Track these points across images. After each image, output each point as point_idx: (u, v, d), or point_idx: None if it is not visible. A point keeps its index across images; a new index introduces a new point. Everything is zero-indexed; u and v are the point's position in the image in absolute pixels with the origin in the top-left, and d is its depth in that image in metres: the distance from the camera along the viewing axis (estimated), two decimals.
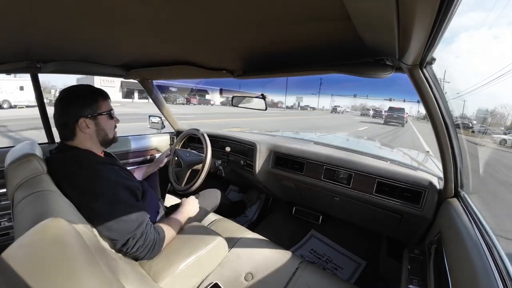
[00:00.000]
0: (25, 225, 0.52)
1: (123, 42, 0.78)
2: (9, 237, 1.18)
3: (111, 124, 0.87)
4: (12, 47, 0.79)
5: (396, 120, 17.92)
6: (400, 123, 17.57)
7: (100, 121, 0.82)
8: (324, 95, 39.34)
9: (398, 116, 18.15)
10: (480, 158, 3.74)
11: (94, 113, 0.81)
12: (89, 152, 0.81)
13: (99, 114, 0.82)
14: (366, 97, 25.90)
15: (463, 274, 0.54)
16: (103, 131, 0.84)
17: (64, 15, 0.52)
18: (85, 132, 0.80)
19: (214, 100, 28.80)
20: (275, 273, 0.92)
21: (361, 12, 0.40)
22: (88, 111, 0.79)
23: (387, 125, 16.70)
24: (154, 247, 0.78)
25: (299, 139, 1.71)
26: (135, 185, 0.82)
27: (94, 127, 0.81)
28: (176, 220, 0.95)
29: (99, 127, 0.83)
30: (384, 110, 24.50)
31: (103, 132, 0.84)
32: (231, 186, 2.09)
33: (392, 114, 18.55)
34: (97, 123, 0.82)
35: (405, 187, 1.02)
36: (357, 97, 26.64)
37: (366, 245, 1.52)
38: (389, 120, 18.49)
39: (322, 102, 43.44)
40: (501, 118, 26.70)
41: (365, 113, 31.57)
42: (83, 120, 0.78)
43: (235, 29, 0.58)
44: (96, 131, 0.82)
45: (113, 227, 0.70)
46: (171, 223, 0.92)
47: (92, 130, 0.81)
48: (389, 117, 18.72)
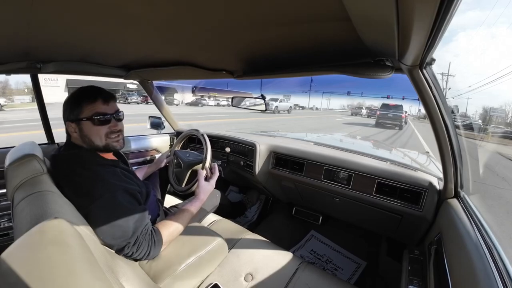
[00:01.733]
0: (25, 226, 0.52)
1: (123, 43, 0.78)
2: (8, 238, 1.18)
3: (98, 131, 0.78)
4: (12, 47, 0.79)
5: (391, 121, 13.28)
6: (397, 125, 13.00)
7: (82, 127, 0.77)
8: (316, 93, 37.31)
9: (395, 116, 13.30)
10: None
11: (76, 118, 0.77)
12: (93, 152, 0.80)
13: (80, 119, 0.77)
14: (360, 94, 22.80)
15: (463, 274, 0.54)
16: (86, 137, 0.78)
17: (64, 16, 0.52)
18: (74, 136, 0.79)
19: (179, 99, 25.37)
20: (275, 273, 0.92)
21: (361, 13, 0.41)
22: (71, 115, 0.77)
23: (379, 128, 12.75)
24: (149, 254, 0.76)
25: (299, 140, 1.71)
26: (135, 188, 0.80)
27: (78, 132, 0.78)
28: (190, 209, 0.93)
29: (82, 133, 0.78)
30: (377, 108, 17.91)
31: (87, 139, 0.78)
32: (231, 186, 2.09)
33: (386, 113, 13.64)
34: (80, 129, 0.78)
35: (405, 188, 1.02)
36: (351, 95, 23.93)
37: (366, 245, 1.52)
38: (382, 121, 13.64)
39: (313, 101, 42.05)
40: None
41: (356, 112, 26.13)
42: (69, 123, 0.78)
43: (235, 30, 0.58)
44: (80, 136, 0.78)
45: (108, 232, 0.68)
46: (183, 214, 0.91)
47: (78, 135, 0.79)
48: (383, 117, 13.77)
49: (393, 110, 13.61)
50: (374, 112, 17.88)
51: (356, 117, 22.37)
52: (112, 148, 0.83)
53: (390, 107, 13.96)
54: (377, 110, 15.73)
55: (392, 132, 11.08)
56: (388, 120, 13.41)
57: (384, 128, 12.65)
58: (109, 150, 0.84)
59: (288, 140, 1.68)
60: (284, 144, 1.47)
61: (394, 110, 13.61)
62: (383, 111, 13.95)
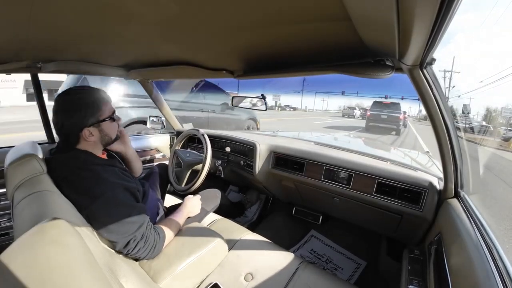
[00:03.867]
0: (25, 225, 0.52)
1: (124, 42, 0.77)
2: (9, 237, 1.18)
3: (115, 127, 0.86)
4: (12, 47, 0.79)
5: (386, 123, 10.07)
6: (394, 129, 9.91)
7: (103, 127, 0.81)
8: (309, 93, 35.64)
9: (390, 117, 9.98)
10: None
11: (97, 120, 0.79)
12: (89, 153, 0.80)
13: (101, 120, 0.80)
14: (356, 94, 20.90)
15: (463, 274, 0.54)
16: (107, 136, 0.83)
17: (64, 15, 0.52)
18: (89, 140, 0.78)
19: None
20: (275, 273, 0.92)
21: (361, 13, 0.40)
22: (91, 120, 0.77)
23: (369, 133, 9.62)
24: (154, 248, 0.78)
25: (299, 139, 1.71)
26: (134, 186, 0.82)
27: (98, 133, 0.80)
28: (176, 220, 0.95)
29: (103, 133, 0.82)
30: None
31: (107, 137, 0.84)
32: (231, 186, 2.09)
33: (379, 114, 10.24)
34: (101, 130, 0.81)
35: (405, 188, 1.02)
36: (345, 95, 21.72)
37: (366, 245, 1.52)
38: (373, 123, 10.38)
39: (305, 102, 40.86)
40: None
41: (348, 114, 23.67)
42: (87, 130, 0.77)
43: (236, 30, 0.58)
44: (100, 137, 0.81)
45: (113, 229, 0.69)
46: (171, 223, 0.92)
47: (97, 137, 0.80)
48: (375, 118, 10.37)
49: (388, 110, 10.18)
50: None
51: (349, 119, 20.23)
52: (118, 138, 0.91)
53: (384, 106, 10.46)
54: (367, 110, 12.10)
55: (386, 139, 8.50)
56: (382, 123, 10.11)
57: (376, 134, 9.57)
58: (117, 140, 0.91)
59: (288, 140, 1.68)
60: (284, 144, 1.47)
61: (389, 109, 10.18)
62: (375, 111, 10.47)
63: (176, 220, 0.95)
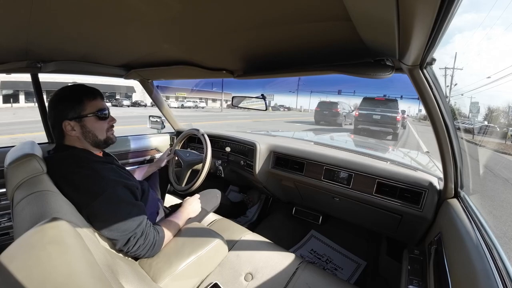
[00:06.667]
0: (25, 225, 0.52)
1: (124, 42, 0.78)
2: (9, 237, 1.18)
3: (101, 126, 0.82)
4: (12, 47, 0.79)
5: (379, 125, 7.98)
6: (390, 132, 7.98)
7: (85, 123, 0.79)
8: (305, 92, 34.96)
9: (384, 117, 7.93)
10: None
11: (78, 115, 0.77)
12: (87, 151, 0.80)
13: (83, 116, 0.78)
14: (353, 93, 19.59)
15: (463, 274, 0.54)
16: (90, 133, 0.80)
17: (64, 15, 0.52)
18: (71, 135, 0.78)
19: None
20: (275, 273, 0.92)
21: (362, 13, 0.40)
22: (71, 113, 0.77)
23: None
24: (154, 246, 0.79)
25: (299, 139, 1.71)
26: (133, 184, 0.82)
27: (79, 129, 0.78)
28: (175, 221, 0.95)
29: (85, 129, 0.79)
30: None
31: (91, 134, 0.81)
32: (231, 186, 2.09)
33: (371, 114, 8.11)
34: (82, 125, 0.79)
35: (405, 188, 1.02)
36: (342, 95, 20.47)
37: (366, 245, 1.52)
38: (363, 126, 8.21)
39: (301, 102, 40.24)
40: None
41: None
42: (67, 123, 0.76)
43: (236, 30, 0.58)
44: (82, 133, 0.79)
45: (113, 227, 0.70)
46: (170, 224, 0.92)
47: (78, 132, 0.78)
48: (364, 119, 8.24)
49: (381, 109, 8.02)
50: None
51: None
52: (110, 142, 0.87)
53: (377, 103, 8.23)
54: (356, 109, 9.65)
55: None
56: (374, 125, 7.98)
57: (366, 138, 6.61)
58: (108, 144, 0.87)
59: (288, 140, 1.68)
60: (284, 143, 1.47)
61: (383, 108, 8.01)
62: (365, 111, 8.26)
63: (175, 221, 0.95)
